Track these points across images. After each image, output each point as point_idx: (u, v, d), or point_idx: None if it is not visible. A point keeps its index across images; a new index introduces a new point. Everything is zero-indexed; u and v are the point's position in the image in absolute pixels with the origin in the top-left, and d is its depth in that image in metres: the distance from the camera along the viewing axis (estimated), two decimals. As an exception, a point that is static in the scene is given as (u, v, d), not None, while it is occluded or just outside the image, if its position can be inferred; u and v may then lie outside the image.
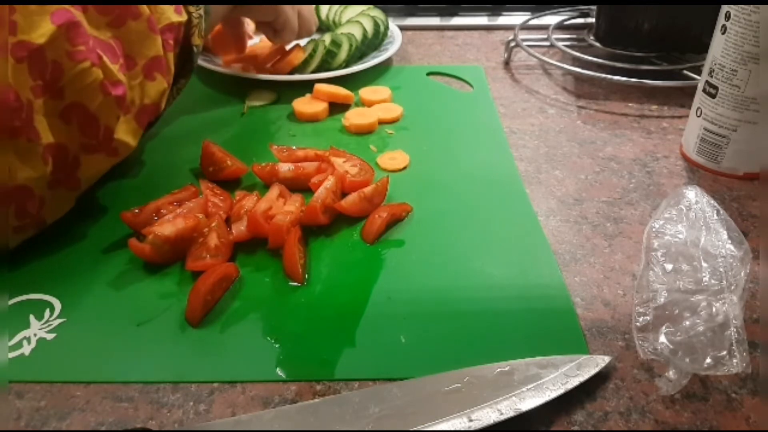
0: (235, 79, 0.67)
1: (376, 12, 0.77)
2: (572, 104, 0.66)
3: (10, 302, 0.39)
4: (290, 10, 0.64)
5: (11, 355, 0.36)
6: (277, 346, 0.36)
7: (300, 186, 0.49)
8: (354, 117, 0.61)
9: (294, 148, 0.54)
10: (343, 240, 0.45)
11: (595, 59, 0.70)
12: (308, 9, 0.68)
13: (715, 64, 0.50)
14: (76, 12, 0.40)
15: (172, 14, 0.47)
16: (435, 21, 0.89)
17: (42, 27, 0.37)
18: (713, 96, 0.51)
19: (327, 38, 0.69)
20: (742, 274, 0.37)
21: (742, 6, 0.46)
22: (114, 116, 0.43)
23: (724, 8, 0.49)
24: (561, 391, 0.32)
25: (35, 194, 0.40)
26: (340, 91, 0.63)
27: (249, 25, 0.71)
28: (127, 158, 0.51)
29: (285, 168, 0.50)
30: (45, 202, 0.42)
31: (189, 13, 0.49)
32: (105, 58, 0.41)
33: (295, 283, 0.41)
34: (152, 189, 0.49)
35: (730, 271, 0.37)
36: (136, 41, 0.44)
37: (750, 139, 0.50)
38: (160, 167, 0.54)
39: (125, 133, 0.44)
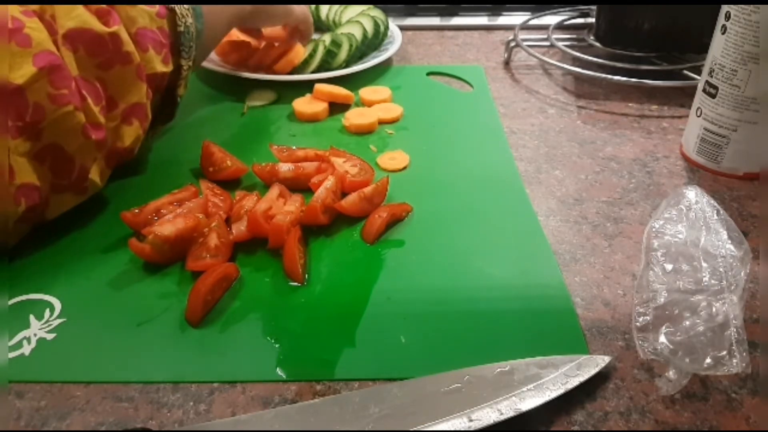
0: (235, 79, 0.67)
1: (376, 12, 0.77)
2: (572, 104, 0.66)
3: (10, 302, 0.39)
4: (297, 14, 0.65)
5: (11, 355, 0.36)
6: (277, 346, 0.36)
7: (300, 186, 0.49)
8: (354, 117, 0.61)
9: (294, 148, 0.54)
10: (343, 240, 0.45)
11: (595, 59, 0.70)
12: (302, 11, 0.68)
13: (715, 64, 0.50)
14: (66, 54, 0.40)
15: (159, 64, 0.47)
16: (435, 21, 0.89)
17: (23, 68, 0.37)
18: (713, 96, 0.51)
19: (327, 38, 0.69)
20: (742, 274, 0.37)
21: (742, 6, 0.46)
22: (91, 158, 0.43)
23: (724, 8, 0.49)
24: (561, 391, 0.32)
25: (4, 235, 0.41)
26: (340, 91, 0.63)
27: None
28: (121, 162, 0.51)
29: (285, 168, 0.50)
30: (9, 234, 0.42)
31: (178, 65, 0.49)
32: (89, 100, 0.41)
33: (295, 283, 0.41)
34: (152, 189, 0.49)
35: (730, 271, 0.37)
36: (121, 85, 0.44)
37: (750, 139, 0.50)
38: (160, 167, 0.54)
39: (96, 174, 0.44)
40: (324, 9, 0.82)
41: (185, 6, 0.49)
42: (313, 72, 0.68)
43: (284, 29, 0.68)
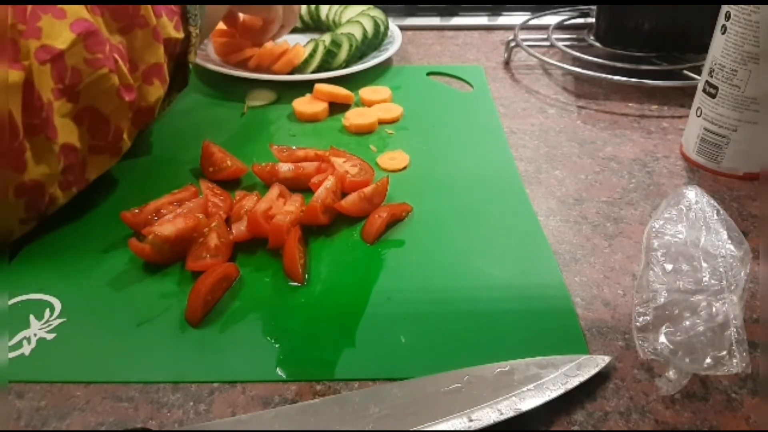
0: (235, 79, 0.67)
1: (376, 12, 0.77)
2: (572, 104, 0.66)
3: (10, 302, 0.39)
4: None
5: (11, 355, 0.36)
6: (277, 346, 0.36)
7: (300, 186, 0.49)
8: (354, 117, 0.61)
9: (294, 148, 0.54)
10: (343, 240, 0.45)
11: (595, 59, 0.70)
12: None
13: (715, 64, 0.50)
14: (94, 19, 0.42)
15: (171, 30, 0.49)
16: (435, 21, 0.89)
17: (63, 35, 0.39)
18: (713, 96, 0.51)
19: (327, 38, 0.69)
20: (742, 274, 0.37)
21: (742, 6, 0.46)
22: (126, 119, 0.46)
23: (724, 8, 0.49)
24: (561, 391, 0.32)
25: (46, 192, 0.42)
26: (340, 91, 0.63)
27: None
28: (127, 158, 0.51)
29: (285, 168, 0.50)
30: (54, 200, 0.43)
31: (188, 32, 0.51)
32: (120, 63, 0.43)
33: (295, 283, 0.41)
34: (152, 189, 0.49)
35: (730, 271, 0.37)
36: (140, 48, 0.46)
37: (750, 139, 0.50)
38: (160, 167, 0.54)
39: (126, 134, 0.47)
40: (324, 9, 0.82)
41: None
42: (313, 72, 0.68)
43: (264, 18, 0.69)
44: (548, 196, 0.50)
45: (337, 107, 0.64)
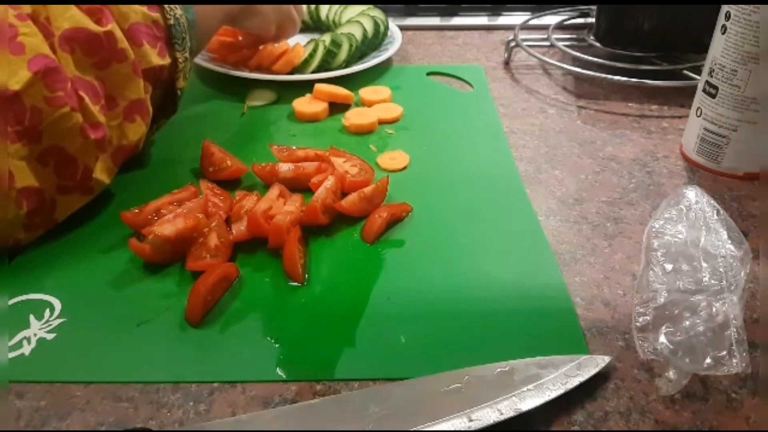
0: (235, 79, 0.67)
1: (376, 12, 0.77)
2: (572, 104, 0.66)
3: (10, 302, 0.39)
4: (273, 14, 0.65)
5: (11, 355, 0.36)
6: (277, 346, 0.36)
7: (300, 186, 0.49)
8: (354, 117, 0.61)
9: (294, 148, 0.54)
10: (343, 240, 0.45)
11: (595, 59, 0.70)
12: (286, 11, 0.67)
13: (715, 64, 0.50)
14: (62, 56, 0.40)
15: (155, 57, 0.47)
16: (435, 21, 0.89)
17: (19, 74, 0.37)
18: (713, 96, 0.51)
19: (327, 38, 0.69)
20: (742, 274, 0.37)
21: (742, 6, 0.46)
22: (93, 157, 0.43)
23: (724, 8, 0.49)
24: (561, 391, 0.32)
25: (8, 236, 0.41)
26: (340, 91, 0.63)
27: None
28: (128, 158, 0.51)
29: (285, 168, 0.50)
30: (18, 242, 0.43)
31: (174, 58, 0.49)
32: (86, 100, 0.41)
33: (295, 283, 0.41)
34: (152, 189, 0.49)
35: (730, 271, 0.37)
36: (119, 82, 0.44)
37: (750, 139, 0.50)
38: (160, 167, 0.54)
39: (101, 172, 0.45)
40: (324, 9, 0.82)
41: None
42: (313, 72, 0.68)
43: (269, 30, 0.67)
44: (548, 196, 0.50)
45: (337, 107, 0.64)
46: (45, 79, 0.39)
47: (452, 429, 0.30)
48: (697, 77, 0.61)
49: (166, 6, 0.48)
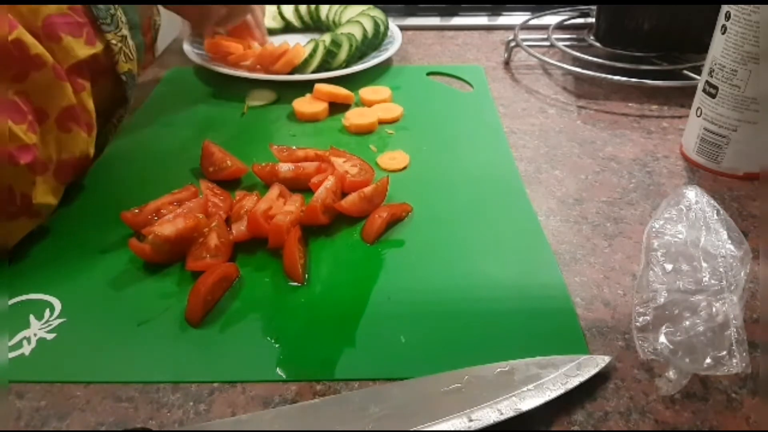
0: (235, 79, 0.67)
1: (376, 12, 0.77)
2: (572, 104, 0.66)
3: (10, 302, 0.39)
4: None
5: (11, 355, 0.36)
6: (277, 346, 0.36)
7: (300, 186, 0.49)
8: (354, 117, 0.61)
9: (294, 148, 0.54)
10: (343, 240, 0.45)
11: (595, 59, 0.70)
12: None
13: (715, 64, 0.50)
14: None
15: (81, 49, 0.42)
16: (435, 21, 0.89)
17: None
18: (713, 96, 0.51)
19: (327, 38, 0.69)
20: (742, 274, 0.37)
21: (742, 6, 0.46)
22: (29, 183, 0.40)
23: (724, 8, 0.49)
24: (561, 391, 0.32)
25: None
26: (340, 91, 0.63)
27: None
28: (128, 158, 0.51)
29: (285, 168, 0.50)
30: None
31: (106, 41, 0.45)
32: (10, 122, 0.38)
33: (295, 283, 0.41)
34: (152, 189, 0.49)
35: (730, 271, 0.37)
36: (43, 92, 0.40)
37: (750, 139, 0.50)
38: (160, 167, 0.54)
39: (44, 195, 0.41)
40: (324, 9, 0.82)
41: None
42: (313, 72, 0.68)
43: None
44: (548, 196, 0.50)
45: (337, 107, 0.64)
46: None
47: (452, 429, 0.30)
48: (697, 77, 0.61)
49: None
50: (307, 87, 0.65)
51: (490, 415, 0.31)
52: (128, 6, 0.46)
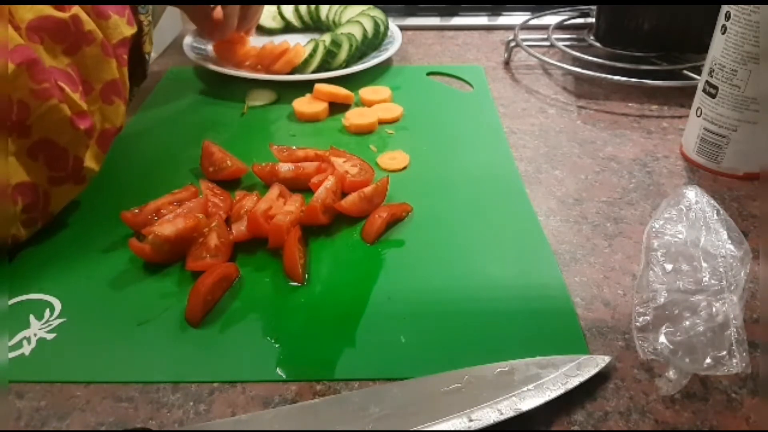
0: (235, 79, 0.67)
1: (376, 12, 0.77)
2: (572, 104, 0.66)
3: (10, 302, 0.39)
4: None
5: (11, 355, 0.36)
6: (277, 346, 0.36)
7: (300, 186, 0.49)
8: (354, 117, 0.61)
9: (294, 148, 0.54)
10: (343, 240, 0.45)
11: (595, 59, 0.70)
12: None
13: (715, 64, 0.50)
14: (35, 47, 0.39)
15: (125, 28, 0.46)
16: (435, 21, 0.89)
17: (1, 67, 0.36)
18: (713, 96, 0.51)
19: (327, 38, 0.69)
20: (742, 274, 0.37)
21: (742, 6, 0.46)
22: (84, 147, 0.43)
23: (724, 8, 0.49)
24: (561, 391, 0.32)
25: (6, 234, 0.41)
26: (340, 91, 0.63)
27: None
28: (128, 158, 0.51)
29: (285, 168, 0.50)
30: (17, 239, 0.42)
31: (139, 22, 0.48)
32: (67, 90, 0.40)
33: (295, 283, 0.41)
34: (152, 189, 0.49)
35: (730, 271, 0.37)
36: (92, 66, 0.43)
37: (750, 139, 0.50)
38: (160, 167, 0.54)
39: (91, 160, 0.44)
40: (324, 9, 0.82)
41: None
42: (313, 72, 0.68)
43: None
44: (548, 196, 0.50)
45: (337, 107, 0.64)
46: (29, 71, 0.37)
47: (452, 429, 0.30)
48: (697, 77, 0.61)
49: None
50: (307, 87, 0.65)
51: (490, 415, 0.31)
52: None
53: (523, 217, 0.48)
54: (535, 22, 0.85)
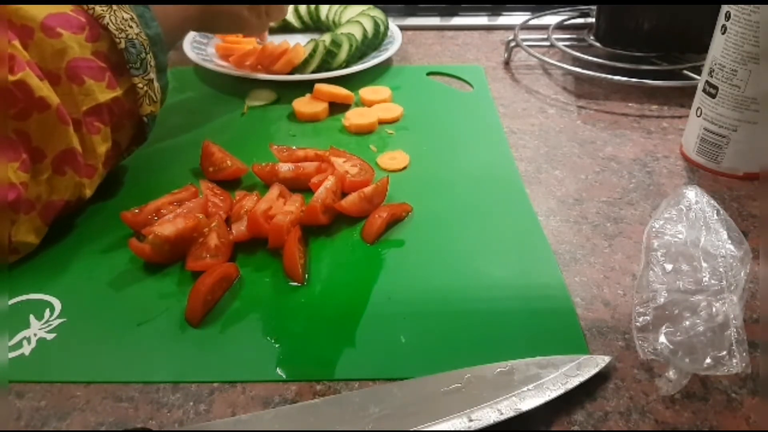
0: (235, 79, 0.67)
1: (376, 12, 0.77)
2: (572, 104, 0.66)
3: (10, 302, 0.39)
4: (247, 13, 0.60)
5: (11, 355, 0.36)
6: (277, 346, 0.36)
7: (300, 186, 0.49)
8: (354, 117, 0.61)
9: (294, 148, 0.54)
10: (343, 240, 0.45)
11: (595, 59, 0.70)
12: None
13: (715, 64, 0.50)
14: None
15: (101, 93, 0.43)
16: (435, 21, 0.89)
17: None
18: (713, 96, 0.51)
19: (327, 38, 0.69)
20: (742, 274, 0.37)
21: (742, 6, 0.46)
22: (8, 221, 0.40)
23: (724, 8, 0.49)
24: (561, 391, 0.32)
25: None
26: (340, 91, 0.63)
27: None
28: (128, 158, 0.51)
29: (285, 168, 0.50)
30: None
31: (130, 84, 0.45)
32: (3, 159, 0.38)
33: (295, 283, 0.41)
34: (152, 189, 0.49)
35: (730, 271, 0.37)
36: (43, 133, 0.40)
37: (750, 139, 0.50)
38: (160, 167, 0.54)
39: (26, 233, 0.41)
40: (324, 9, 0.82)
41: (125, 15, 0.44)
42: (313, 72, 0.68)
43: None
44: (548, 196, 0.50)
45: (337, 107, 0.64)
46: None
47: (452, 429, 0.30)
48: (697, 77, 0.61)
49: (113, 29, 0.43)
50: (307, 87, 0.65)
51: (490, 415, 0.31)
52: (160, 49, 0.47)
53: (523, 217, 0.48)
54: (535, 22, 0.85)
